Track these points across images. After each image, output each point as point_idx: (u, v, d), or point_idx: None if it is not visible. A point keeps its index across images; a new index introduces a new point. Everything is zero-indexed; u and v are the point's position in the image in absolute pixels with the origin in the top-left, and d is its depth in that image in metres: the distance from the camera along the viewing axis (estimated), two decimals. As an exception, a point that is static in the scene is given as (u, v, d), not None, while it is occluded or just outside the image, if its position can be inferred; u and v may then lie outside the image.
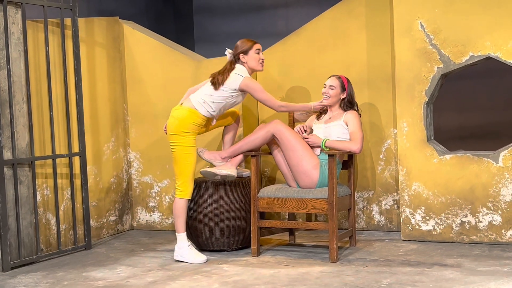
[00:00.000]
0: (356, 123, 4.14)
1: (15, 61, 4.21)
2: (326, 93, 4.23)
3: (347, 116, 4.19)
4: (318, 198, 3.96)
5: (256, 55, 4.21)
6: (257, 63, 4.22)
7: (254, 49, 4.20)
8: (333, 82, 4.25)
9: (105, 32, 5.17)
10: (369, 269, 3.68)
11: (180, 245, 4.13)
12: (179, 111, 4.16)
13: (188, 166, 4.10)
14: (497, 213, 4.15)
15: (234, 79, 4.12)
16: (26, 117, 4.28)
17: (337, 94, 4.24)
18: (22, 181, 4.24)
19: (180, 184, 4.12)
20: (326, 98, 4.24)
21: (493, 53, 4.13)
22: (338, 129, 4.16)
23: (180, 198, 4.13)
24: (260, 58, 4.24)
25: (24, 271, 4.07)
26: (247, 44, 4.21)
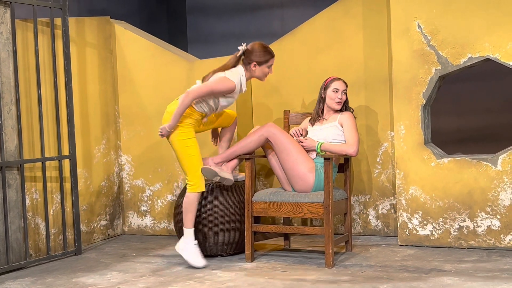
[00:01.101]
0: (351, 125, 4.09)
1: (4, 61, 4.14)
2: (341, 99, 4.20)
3: (342, 117, 4.14)
4: (314, 202, 3.90)
5: (267, 70, 4.10)
6: (263, 76, 4.13)
7: (268, 64, 4.08)
8: (344, 86, 4.23)
9: (96, 32, 5.10)
10: (366, 275, 3.63)
11: (186, 240, 4.05)
12: (173, 106, 4.08)
13: (193, 158, 4.03)
14: (495, 217, 4.09)
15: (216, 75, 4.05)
16: (15, 119, 4.21)
17: (345, 99, 4.24)
18: (10, 184, 4.18)
19: (191, 178, 4.03)
20: (339, 103, 4.19)
21: (491, 55, 4.08)
22: (333, 130, 4.12)
23: (191, 192, 4.04)
24: (269, 73, 4.14)
25: (12, 276, 4.01)
26: (265, 56, 4.05)
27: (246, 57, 4.06)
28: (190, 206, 4.04)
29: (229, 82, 3.98)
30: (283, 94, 5.02)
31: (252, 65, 4.05)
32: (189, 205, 4.04)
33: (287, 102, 4.99)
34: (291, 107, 4.93)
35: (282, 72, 5.02)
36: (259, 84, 5.12)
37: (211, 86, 3.96)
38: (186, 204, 4.05)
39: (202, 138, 5.12)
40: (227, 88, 3.98)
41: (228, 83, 3.98)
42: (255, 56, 4.04)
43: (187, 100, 3.95)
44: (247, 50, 4.06)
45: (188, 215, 4.05)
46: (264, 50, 4.06)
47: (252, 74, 4.09)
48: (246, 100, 5.11)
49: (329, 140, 4.11)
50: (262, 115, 5.10)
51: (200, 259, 4.01)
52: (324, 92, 4.24)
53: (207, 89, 3.96)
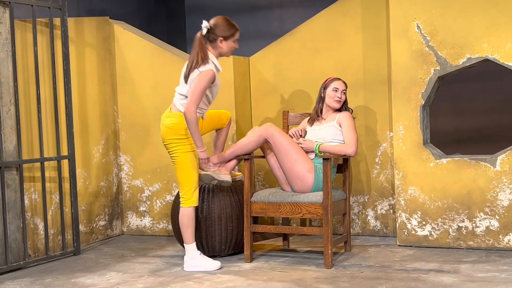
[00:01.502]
0: (349, 124, 4.09)
1: (3, 61, 4.13)
2: (340, 98, 4.20)
3: (340, 117, 4.15)
4: (313, 203, 3.89)
5: (233, 44, 3.97)
6: (230, 51, 3.98)
7: (234, 38, 3.95)
8: (344, 86, 4.24)
9: (95, 32, 5.10)
10: (365, 275, 3.63)
11: (191, 255, 3.96)
12: (169, 119, 3.96)
13: (192, 172, 3.94)
14: (494, 218, 4.09)
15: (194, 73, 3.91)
16: (13, 119, 4.20)
17: (344, 99, 4.24)
18: (9, 184, 4.17)
19: (186, 192, 3.94)
20: (338, 102, 4.19)
21: (490, 55, 4.08)
22: (332, 130, 4.12)
23: (187, 207, 3.94)
24: (235, 47, 4.01)
25: (11, 277, 4.00)
26: (230, 30, 3.93)
27: (211, 34, 3.91)
28: (188, 221, 3.94)
29: (208, 73, 3.84)
30: (282, 95, 5.01)
31: (218, 41, 3.91)
32: (187, 219, 3.94)
33: (286, 102, 4.99)
34: (290, 108, 4.93)
35: (281, 73, 5.02)
36: (258, 84, 5.12)
37: (198, 89, 3.83)
38: (184, 219, 3.94)
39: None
40: (210, 79, 3.85)
41: (208, 75, 3.84)
42: (221, 31, 3.90)
43: (192, 115, 3.82)
44: (211, 26, 3.92)
45: (188, 231, 3.95)
46: (229, 23, 3.94)
47: (220, 51, 3.95)
48: (245, 101, 5.11)
49: (328, 140, 4.11)
50: (261, 116, 5.09)
51: (213, 262, 3.97)
52: (324, 92, 4.25)
53: (198, 93, 3.83)
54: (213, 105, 5.07)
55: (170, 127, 3.94)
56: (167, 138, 3.96)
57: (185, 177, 3.94)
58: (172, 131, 3.93)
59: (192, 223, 3.96)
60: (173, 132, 3.93)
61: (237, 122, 4.98)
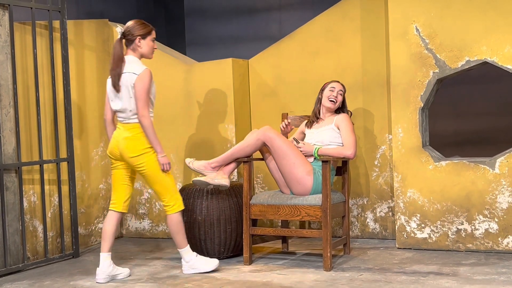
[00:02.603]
0: (347, 126, 4.09)
1: (2, 64, 4.13)
2: (336, 97, 4.20)
3: (338, 119, 4.15)
4: (312, 205, 3.89)
5: (152, 43, 3.87)
6: (151, 50, 3.88)
7: (151, 36, 3.86)
8: (341, 87, 4.26)
9: (94, 34, 5.10)
10: (364, 278, 3.62)
11: (187, 258, 3.93)
12: (128, 131, 3.79)
13: (166, 179, 3.82)
14: (493, 220, 4.09)
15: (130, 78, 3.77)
16: (13, 121, 4.20)
17: (341, 101, 4.24)
18: (8, 187, 4.16)
19: (170, 199, 3.85)
20: (333, 102, 4.20)
21: (489, 58, 4.08)
22: (330, 133, 4.12)
23: (173, 213, 3.85)
24: (154, 47, 3.92)
25: (10, 279, 3.99)
26: (145, 27, 3.84)
27: (128, 35, 3.82)
28: (178, 227, 3.86)
29: (146, 73, 3.75)
30: (281, 97, 5.01)
31: (137, 41, 3.81)
32: (176, 226, 3.85)
33: (285, 105, 4.99)
34: (289, 110, 4.93)
35: (280, 75, 5.02)
36: (257, 86, 5.13)
37: (143, 91, 3.72)
38: (174, 226, 3.85)
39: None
40: (150, 78, 3.76)
41: (147, 74, 3.75)
42: (137, 30, 3.81)
43: (148, 120, 3.72)
44: (126, 30, 3.83)
45: (179, 236, 3.88)
46: (142, 23, 3.86)
47: (140, 52, 3.84)
48: (244, 104, 5.11)
49: (326, 142, 4.11)
50: (260, 118, 5.09)
51: (211, 262, 3.95)
52: (321, 93, 4.26)
53: (144, 96, 3.72)
54: (214, 104, 5.08)
55: (135, 138, 3.77)
56: (134, 152, 3.78)
57: (163, 186, 3.83)
58: (139, 142, 3.77)
59: (182, 228, 3.89)
60: (140, 143, 3.77)
61: (236, 125, 4.98)
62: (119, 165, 3.90)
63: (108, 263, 3.85)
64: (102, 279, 3.81)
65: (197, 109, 5.09)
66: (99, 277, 3.82)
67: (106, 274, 3.82)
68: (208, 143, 5.04)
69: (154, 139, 3.76)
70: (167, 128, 5.18)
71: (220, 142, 5.00)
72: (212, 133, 5.03)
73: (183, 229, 3.90)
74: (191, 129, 5.10)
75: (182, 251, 3.93)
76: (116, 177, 3.92)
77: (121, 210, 3.93)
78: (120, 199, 3.92)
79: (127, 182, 3.93)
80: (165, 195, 3.85)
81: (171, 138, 5.17)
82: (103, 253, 3.85)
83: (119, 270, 3.92)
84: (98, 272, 3.83)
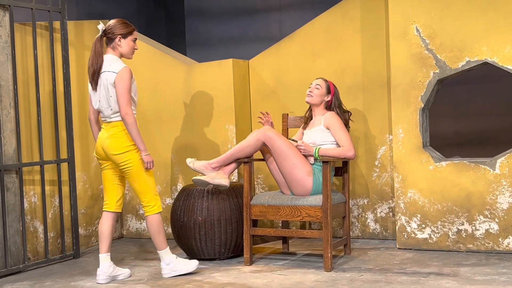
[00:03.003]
0: (338, 126, 4.07)
1: (3, 65, 4.13)
2: (311, 91, 4.18)
3: (326, 120, 4.12)
4: (312, 206, 3.89)
5: (132, 43, 3.83)
6: (131, 51, 3.84)
7: (132, 37, 3.82)
8: (320, 82, 4.22)
9: (94, 35, 5.06)
10: (364, 278, 3.62)
11: (167, 261, 3.89)
12: (112, 129, 3.78)
13: (149, 179, 3.81)
14: (494, 221, 4.09)
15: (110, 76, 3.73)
16: (13, 122, 4.20)
17: (321, 95, 4.19)
18: (9, 188, 4.16)
19: (149, 200, 3.81)
20: (309, 96, 4.19)
21: (489, 58, 4.08)
22: (320, 134, 4.11)
23: (153, 214, 3.82)
24: (135, 48, 3.86)
25: (10, 280, 3.99)
26: (127, 27, 3.80)
27: (109, 33, 3.78)
28: (157, 228, 3.82)
29: (125, 70, 3.71)
30: (281, 98, 5.01)
31: (117, 40, 3.77)
32: (156, 226, 3.82)
33: (285, 105, 4.99)
34: (289, 111, 4.93)
35: (280, 76, 5.02)
36: (257, 87, 5.13)
37: (124, 89, 3.69)
38: (154, 227, 3.82)
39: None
40: (129, 75, 3.72)
41: (126, 71, 3.71)
42: (118, 29, 3.77)
43: (132, 118, 3.69)
44: (108, 27, 3.80)
45: (159, 237, 3.84)
46: (124, 22, 3.82)
47: (120, 51, 3.80)
48: (244, 104, 5.11)
49: (319, 143, 4.10)
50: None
51: (190, 263, 3.92)
52: None
53: (126, 94, 3.69)
54: (214, 105, 5.08)
55: (118, 136, 3.76)
56: (117, 150, 3.76)
57: (144, 185, 3.80)
58: (122, 140, 3.76)
59: (162, 229, 3.85)
60: (122, 141, 3.76)
61: (237, 125, 4.98)
62: (107, 165, 3.88)
63: (108, 264, 3.85)
64: (103, 280, 3.81)
65: (197, 110, 5.09)
66: (99, 278, 3.82)
67: (106, 275, 3.82)
68: (208, 144, 5.04)
69: (137, 137, 3.73)
70: (167, 129, 5.18)
71: (221, 143, 5.00)
72: (213, 134, 5.03)
73: (163, 230, 3.86)
74: (191, 130, 5.10)
75: (162, 253, 3.89)
76: (106, 178, 3.91)
77: (114, 210, 3.92)
78: (112, 199, 3.92)
79: (117, 182, 3.92)
80: (145, 195, 3.82)
81: (171, 138, 5.17)
82: (102, 254, 3.85)
83: (120, 271, 3.92)
84: (99, 273, 3.83)
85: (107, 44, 3.84)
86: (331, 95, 4.21)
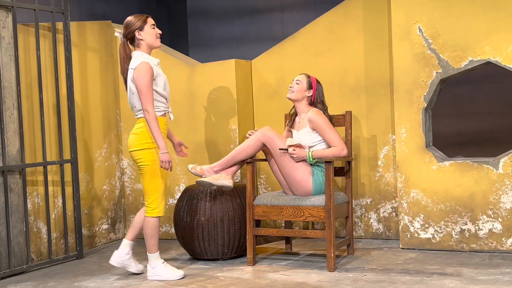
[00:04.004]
0: (325, 127, 4.02)
1: (6, 66, 4.14)
2: (292, 87, 4.16)
3: (310, 121, 4.06)
4: (315, 206, 3.89)
5: (153, 30, 3.82)
6: (154, 38, 3.83)
7: (149, 24, 3.81)
8: (300, 77, 4.18)
9: (97, 36, 5.10)
10: (367, 278, 3.62)
11: (153, 264, 3.85)
12: (137, 125, 3.82)
13: (159, 181, 3.80)
14: (497, 220, 4.09)
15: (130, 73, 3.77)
16: (16, 123, 4.20)
17: (301, 90, 4.13)
18: (12, 188, 4.17)
19: (152, 201, 3.79)
20: (290, 92, 4.16)
21: (492, 58, 4.08)
22: (307, 136, 4.08)
23: (152, 216, 3.80)
24: (157, 32, 3.85)
25: (14, 281, 4.00)
26: (140, 18, 3.81)
27: (128, 34, 3.81)
28: (153, 231, 3.80)
29: (142, 66, 3.70)
30: (284, 98, 4.99)
31: (137, 35, 3.78)
32: (152, 230, 3.80)
33: (288, 105, 4.97)
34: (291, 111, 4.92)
35: (282, 76, 5.02)
36: (260, 87, 5.13)
37: (143, 85, 3.69)
38: (149, 229, 3.80)
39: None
40: (147, 71, 3.70)
41: (143, 67, 3.70)
42: (132, 25, 3.79)
43: (150, 115, 3.69)
44: (124, 30, 3.82)
45: (152, 240, 3.82)
46: (135, 16, 3.84)
47: (146, 43, 3.81)
48: (247, 104, 5.11)
49: (309, 144, 4.06)
50: (263, 119, 5.09)
51: (175, 271, 3.87)
52: None
53: (145, 90, 3.69)
54: (217, 105, 5.09)
55: (138, 133, 3.78)
56: (134, 146, 3.78)
57: (153, 186, 3.79)
58: (140, 137, 3.77)
59: (156, 233, 3.82)
60: (140, 138, 3.77)
61: (239, 126, 4.98)
62: None
63: (126, 252, 3.94)
64: (115, 263, 3.92)
65: (200, 110, 5.09)
66: (112, 259, 3.93)
67: (120, 260, 3.93)
68: (211, 144, 5.05)
69: (156, 134, 3.71)
70: (170, 129, 5.17)
71: (223, 143, 5.00)
72: (215, 134, 5.03)
73: (156, 235, 3.83)
74: (194, 130, 5.10)
75: (151, 256, 3.87)
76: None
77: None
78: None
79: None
80: (150, 196, 3.81)
81: (174, 139, 5.17)
82: (125, 239, 3.96)
83: (133, 264, 3.98)
84: (114, 254, 3.94)
85: (133, 45, 3.87)
86: (313, 90, 4.16)
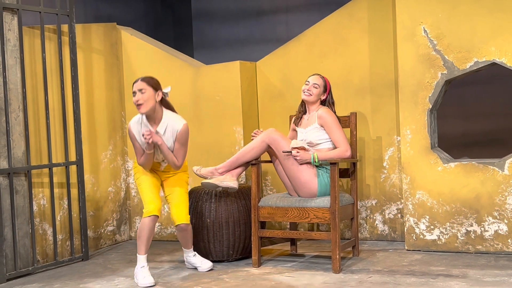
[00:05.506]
0: (334, 126, 4.03)
1: (11, 68, 4.15)
2: (309, 90, 4.15)
3: (320, 117, 4.07)
4: (320, 207, 3.88)
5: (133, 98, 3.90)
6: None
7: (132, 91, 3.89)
8: (317, 80, 4.17)
9: (102, 38, 5.11)
10: (373, 280, 3.62)
11: (137, 266, 3.84)
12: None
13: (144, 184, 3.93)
14: (503, 222, 4.07)
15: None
16: (22, 125, 4.22)
17: (318, 94, 4.16)
18: (18, 190, 4.18)
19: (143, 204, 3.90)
20: (307, 95, 4.15)
21: (498, 59, 4.07)
22: (315, 132, 4.08)
23: (143, 217, 3.84)
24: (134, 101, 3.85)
25: (20, 282, 4.01)
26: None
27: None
28: (139, 232, 3.80)
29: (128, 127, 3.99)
30: (289, 99, 5.01)
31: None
32: (139, 230, 3.81)
33: (292, 107, 4.97)
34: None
35: (287, 77, 5.02)
36: (264, 89, 5.13)
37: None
38: (139, 230, 3.83)
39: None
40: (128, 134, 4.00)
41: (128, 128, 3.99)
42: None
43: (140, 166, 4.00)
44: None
45: (138, 241, 3.81)
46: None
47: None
48: (252, 106, 5.11)
49: (315, 142, 4.05)
50: (268, 120, 5.09)
51: (145, 279, 3.76)
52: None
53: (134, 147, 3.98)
54: (222, 107, 5.08)
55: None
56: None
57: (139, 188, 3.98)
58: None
59: (144, 235, 3.79)
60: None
61: (244, 127, 4.98)
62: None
63: (188, 255, 4.14)
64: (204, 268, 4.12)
65: (205, 112, 5.10)
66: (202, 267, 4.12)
67: (186, 262, 4.17)
68: (216, 146, 5.05)
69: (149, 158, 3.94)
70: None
71: (228, 145, 5.00)
72: (220, 136, 5.04)
73: (144, 237, 3.79)
74: (199, 132, 5.11)
75: (138, 257, 3.84)
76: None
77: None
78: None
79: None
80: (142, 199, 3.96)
81: (179, 140, 5.18)
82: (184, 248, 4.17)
83: (199, 263, 4.12)
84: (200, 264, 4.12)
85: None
86: (327, 93, 4.19)
